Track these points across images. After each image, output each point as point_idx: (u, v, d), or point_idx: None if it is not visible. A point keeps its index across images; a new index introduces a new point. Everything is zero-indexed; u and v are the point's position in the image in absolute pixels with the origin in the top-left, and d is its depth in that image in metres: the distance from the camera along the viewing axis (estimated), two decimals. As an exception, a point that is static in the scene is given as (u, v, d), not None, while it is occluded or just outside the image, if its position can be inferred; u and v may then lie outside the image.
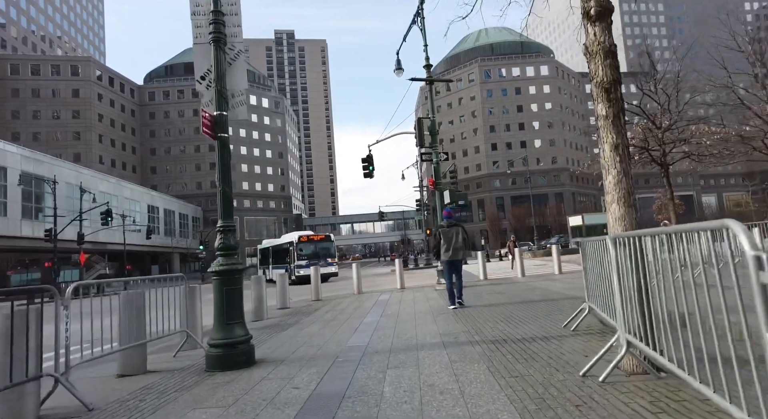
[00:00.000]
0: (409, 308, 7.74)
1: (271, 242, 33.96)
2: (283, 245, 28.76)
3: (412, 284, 14.44)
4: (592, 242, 4.15)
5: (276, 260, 29.68)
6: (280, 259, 28.96)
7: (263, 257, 33.46)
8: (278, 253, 29.45)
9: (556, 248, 14.00)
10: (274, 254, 30.31)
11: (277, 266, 28.38)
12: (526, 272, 13.59)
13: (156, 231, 61.53)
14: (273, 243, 32.53)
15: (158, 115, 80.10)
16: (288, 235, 31.05)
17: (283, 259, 28.03)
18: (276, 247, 30.72)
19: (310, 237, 27.44)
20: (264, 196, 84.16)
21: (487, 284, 11.68)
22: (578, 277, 10.10)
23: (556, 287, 9.34)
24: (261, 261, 34.13)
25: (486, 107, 78.48)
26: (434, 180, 11.48)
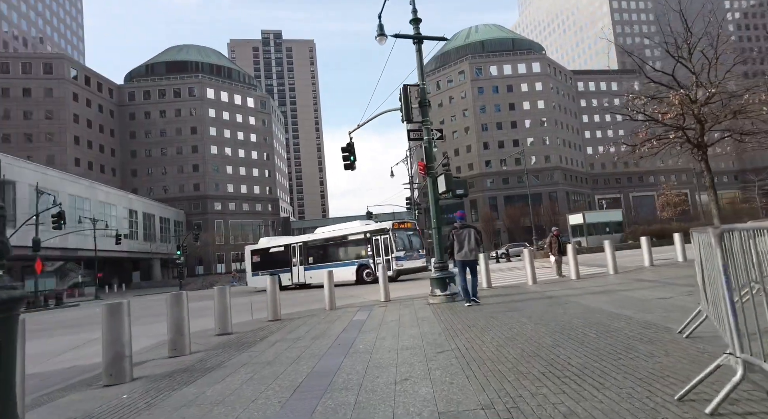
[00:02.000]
0: (391, 341, 5.31)
1: (320, 233, 24.37)
2: (360, 234, 21.94)
3: (401, 293, 12.03)
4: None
5: (325, 257, 22.66)
6: (344, 254, 22.28)
7: (292, 256, 24.15)
8: (340, 246, 22.45)
9: (573, 248, 11.68)
10: (328, 249, 22.94)
11: (340, 262, 21.76)
12: (524, 277, 11.23)
13: (134, 236, 58.59)
14: (337, 232, 23.27)
15: (138, 115, 77.06)
16: (349, 224, 23.97)
17: (354, 254, 21.89)
18: (340, 238, 22.53)
19: (401, 224, 22.19)
20: (250, 198, 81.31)
21: (491, 295, 9.31)
22: (603, 283, 8.34)
23: (591, 301, 6.97)
24: (275, 263, 24.77)
25: (477, 105, 76.59)
26: (425, 164, 9.08)
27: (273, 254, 24.76)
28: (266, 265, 24.51)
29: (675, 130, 10.28)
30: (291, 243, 24.58)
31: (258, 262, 25.42)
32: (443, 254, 9.12)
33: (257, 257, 25.68)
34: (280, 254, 24.25)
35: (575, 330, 4.83)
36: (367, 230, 21.80)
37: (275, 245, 25.35)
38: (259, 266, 25.02)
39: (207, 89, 79.65)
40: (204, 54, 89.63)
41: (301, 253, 23.47)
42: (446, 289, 8.78)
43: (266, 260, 24.96)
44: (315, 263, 22.76)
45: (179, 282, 46.59)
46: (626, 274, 11.19)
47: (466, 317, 6.57)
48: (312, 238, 24.01)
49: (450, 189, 8.67)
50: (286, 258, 23.98)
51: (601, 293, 7.77)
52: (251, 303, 13.79)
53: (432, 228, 9.21)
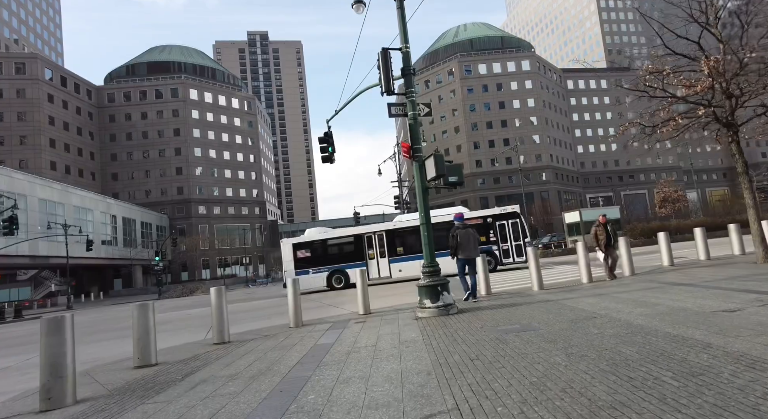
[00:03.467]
0: (356, 388, 3.57)
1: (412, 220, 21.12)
2: (480, 219, 20.14)
3: (384, 304, 10.30)
4: None
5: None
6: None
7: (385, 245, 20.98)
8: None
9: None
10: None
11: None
12: (526, 280, 9.58)
13: (114, 242, 56.16)
14: (441, 217, 19.78)
15: (119, 117, 74.55)
16: (450, 210, 21.64)
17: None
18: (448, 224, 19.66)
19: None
20: (236, 202, 79.10)
21: (494, 306, 7.62)
22: (626, 288, 6.32)
23: (627, 315, 5.31)
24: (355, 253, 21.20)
25: (467, 104, 75.35)
26: (410, 145, 7.38)
27: (334, 247, 21.04)
28: (320, 260, 20.70)
29: (703, 106, 8.73)
30: (366, 232, 20.92)
31: (306, 258, 20.83)
32: (434, 256, 7.42)
33: (305, 251, 20.96)
34: (347, 245, 20.81)
35: (634, 367, 3.15)
36: (492, 214, 20.37)
37: (337, 236, 21.39)
38: (308, 263, 20.70)
39: (190, 90, 77.44)
40: (187, 54, 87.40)
41: (383, 243, 20.50)
42: (438, 299, 7.07)
43: (321, 255, 20.84)
44: (407, 254, 20.04)
45: (158, 290, 44.31)
46: (648, 276, 9.59)
47: (466, 340, 4.87)
48: (402, 225, 20.85)
49: (441, 174, 6.98)
50: (357, 250, 20.55)
51: (632, 303, 6.11)
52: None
53: (421, 224, 7.50)
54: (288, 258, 21.03)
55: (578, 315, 5.65)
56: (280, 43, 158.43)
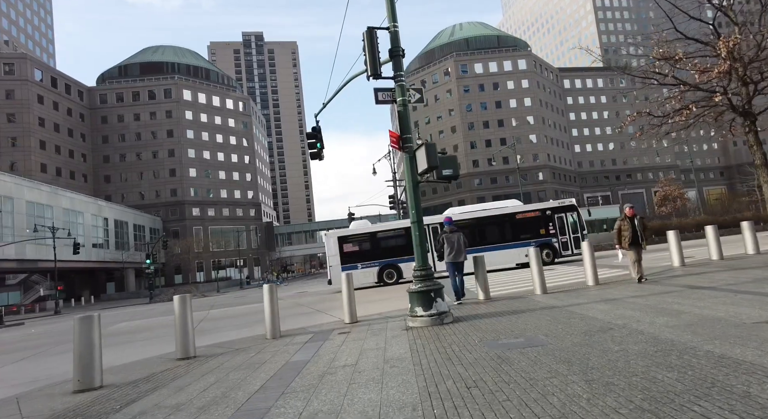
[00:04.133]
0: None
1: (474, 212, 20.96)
2: (538, 211, 20.21)
3: (373, 310, 9.52)
4: None
5: (486, 239, 19.55)
6: (514, 234, 19.64)
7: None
8: (509, 224, 19.88)
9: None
10: (490, 229, 19.95)
11: (512, 243, 19.30)
12: (525, 282, 8.83)
13: (105, 245, 55.18)
14: (502, 209, 20.55)
15: (111, 119, 73.53)
16: (506, 202, 21.61)
17: (528, 233, 19.57)
18: (509, 216, 20.09)
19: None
20: (230, 203, 78.18)
21: (494, 313, 6.85)
22: (639, 293, 5.36)
23: (651, 327, 4.55)
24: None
25: (463, 103, 74.73)
26: (399, 135, 6.61)
27: (385, 240, 19.89)
28: (370, 254, 19.52)
29: (717, 94, 8.01)
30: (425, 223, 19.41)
31: (354, 252, 19.61)
32: (426, 258, 6.66)
33: (353, 245, 19.76)
34: (399, 238, 19.69)
35: (681, 405, 2.39)
36: (551, 207, 20.59)
37: (389, 229, 20.29)
38: (357, 257, 19.47)
39: (183, 91, 76.56)
40: (180, 55, 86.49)
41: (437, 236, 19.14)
42: (431, 307, 6.30)
43: (370, 249, 19.70)
44: (471, 246, 18.79)
45: (149, 293, 43.32)
46: (661, 278, 8.85)
47: (462, 359, 4.10)
48: (464, 216, 20.06)
49: (433, 166, 6.21)
50: (409, 244, 18.47)
51: (652, 311, 5.36)
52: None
53: (411, 222, 6.73)
54: (333, 252, 19.70)
55: (591, 326, 4.89)
56: (275, 43, 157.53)
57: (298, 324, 8.64)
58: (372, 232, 20.09)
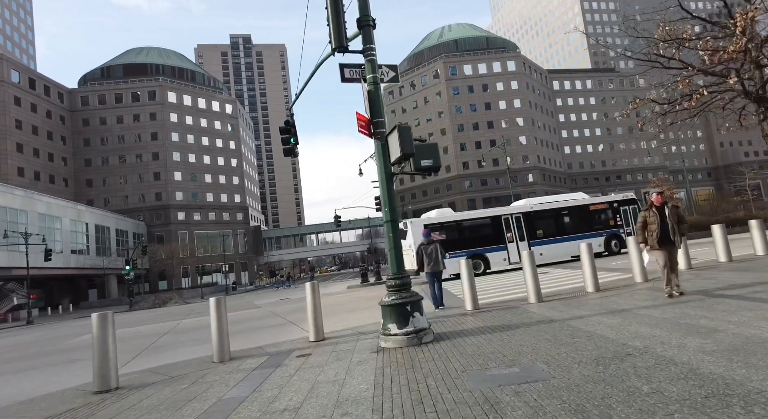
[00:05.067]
0: None
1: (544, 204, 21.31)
2: (605, 204, 21.31)
3: (352, 321, 8.45)
4: None
5: (560, 229, 19.97)
6: (585, 225, 20.18)
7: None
8: (579, 216, 20.51)
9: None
10: (563, 220, 20.42)
11: (582, 234, 19.52)
12: (517, 289, 7.85)
13: (86, 251, 53.37)
14: (570, 202, 20.96)
15: (93, 121, 71.70)
16: (574, 195, 21.94)
17: (598, 224, 20.34)
18: (579, 208, 20.73)
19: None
20: (217, 207, 76.61)
21: (481, 328, 5.83)
22: (652, 303, 4.44)
23: (683, 352, 3.56)
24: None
25: (453, 105, 74.14)
26: (369, 118, 5.59)
27: (471, 229, 19.46)
28: (457, 243, 18.95)
29: (733, 75, 7.13)
30: (503, 214, 19.71)
31: (442, 241, 18.64)
32: (402, 264, 5.62)
33: (439, 233, 19.20)
34: (485, 227, 19.43)
35: None
36: (616, 200, 21.43)
37: (475, 217, 19.89)
38: (450, 246, 18.63)
39: (168, 93, 75.01)
40: (165, 56, 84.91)
41: (521, 226, 19.47)
42: (407, 323, 5.26)
43: (456, 237, 19.21)
44: (546, 237, 19.43)
45: (129, 301, 41.70)
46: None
47: (438, 401, 3.06)
48: (538, 208, 20.32)
49: (408, 154, 5.18)
50: (496, 233, 19.16)
51: (676, 328, 4.38)
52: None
53: (385, 221, 5.70)
54: (418, 240, 17.91)
55: (603, 349, 3.88)
56: (263, 46, 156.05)
57: (259, 341, 7.55)
58: (458, 220, 19.70)
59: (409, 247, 18.53)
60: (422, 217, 20.38)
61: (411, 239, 18.56)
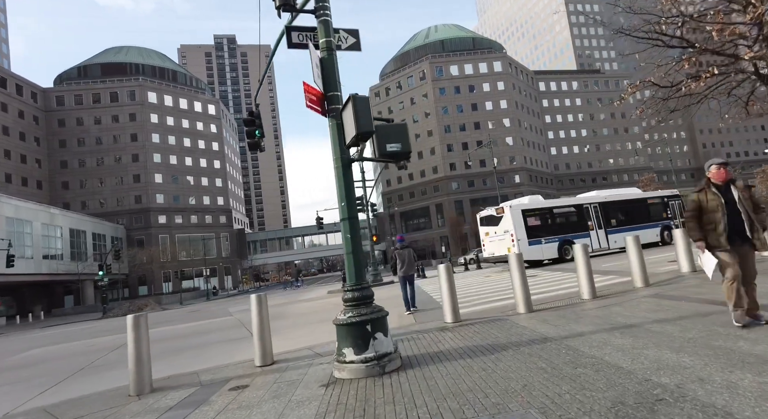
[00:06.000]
0: None
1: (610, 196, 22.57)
2: (658, 198, 23.08)
3: (311, 339, 7.32)
4: None
5: (628, 220, 21.42)
6: (646, 216, 21.86)
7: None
8: (641, 208, 22.26)
9: (582, 251, 7.36)
10: (630, 211, 21.98)
11: (644, 225, 21.32)
12: (505, 294, 6.83)
13: (59, 256, 51.25)
14: (627, 195, 22.83)
15: (69, 122, 69.43)
16: (627, 190, 23.99)
17: (655, 216, 22.00)
18: (641, 200, 22.70)
19: None
20: (199, 210, 74.71)
21: (452, 355, 4.78)
22: (665, 319, 3.58)
23: (729, 393, 2.51)
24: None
25: (439, 106, 73.45)
26: (322, 92, 4.51)
27: (562, 216, 20.26)
28: (551, 229, 19.68)
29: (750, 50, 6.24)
30: (583, 203, 20.87)
31: (537, 226, 19.54)
32: (362, 272, 4.52)
33: (535, 219, 19.74)
34: (572, 215, 20.34)
35: None
36: (665, 194, 23.21)
37: (564, 205, 20.91)
38: (540, 231, 19.45)
39: (148, 93, 73.07)
40: (146, 55, 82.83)
41: (598, 215, 20.74)
42: (367, 346, 4.17)
43: (550, 224, 19.86)
44: (618, 226, 20.89)
45: (103, 308, 39.86)
46: (674, 289, 6.96)
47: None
48: (607, 199, 21.56)
49: (364, 133, 4.10)
50: (580, 221, 20.20)
51: (708, 353, 3.38)
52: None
53: (342, 219, 4.61)
54: (519, 225, 19.18)
55: (619, 389, 2.84)
56: (248, 47, 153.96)
57: (205, 362, 6.40)
58: (550, 207, 20.54)
59: (505, 232, 19.32)
60: (515, 203, 20.87)
61: (510, 224, 19.14)
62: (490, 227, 20.41)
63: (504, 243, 19.27)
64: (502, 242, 19.51)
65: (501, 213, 19.67)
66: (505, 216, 19.33)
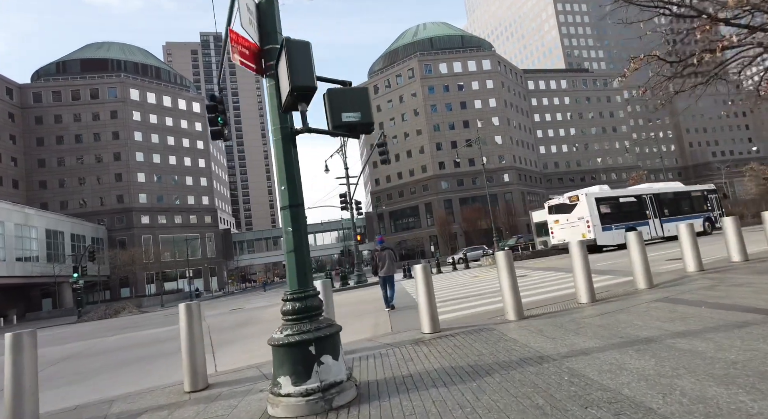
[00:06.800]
0: None
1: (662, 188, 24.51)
2: (700, 192, 24.94)
3: (257, 357, 6.26)
4: None
5: (677, 210, 23.29)
6: (691, 207, 23.85)
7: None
8: (688, 200, 24.26)
9: (580, 248, 6.44)
10: (679, 202, 23.85)
11: (690, 215, 23.20)
12: (493, 297, 5.89)
13: (34, 258, 49.41)
14: (676, 189, 24.88)
15: (47, 119, 67.33)
16: (671, 184, 25.94)
17: (698, 208, 23.95)
18: (686, 193, 24.64)
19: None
20: (183, 210, 73.00)
21: (421, 381, 3.79)
22: (685, 327, 3.08)
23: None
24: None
25: (428, 104, 72.66)
26: (259, 45, 3.49)
27: (626, 205, 21.86)
28: (618, 217, 21.16)
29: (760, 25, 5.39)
30: (642, 194, 22.62)
31: (607, 214, 20.93)
32: (306, 277, 3.50)
33: (606, 207, 21.20)
34: (633, 205, 22.01)
35: None
36: (705, 188, 24.97)
37: (633, 194, 22.60)
38: (610, 219, 20.81)
39: (130, 90, 71.21)
40: (128, 52, 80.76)
41: (653, 205, 22.48)
42: (309, 374, 3.16)
43: (618, 212, 21.36)
44: (670, 216, 22.64)
45: (78, 311, 38.27)
46: (683, 290, 6.07)
47: None
48: (660, 191, 23.36)
49: (302, 87, 3.06)
50: (640, 210, 21.97)
51: (757, 378, 2.44)
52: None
53: (282, 208, 3.59)
54: (593, 212, 20.63)
55: None
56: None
57: (127, 384, 5.32)
58: (617, 196, 21.98)
59: (579, 219, 20.62)
60: (587, 191, 21.76)
61: (585, 211, 20.43)
62: (560, 214, 21.75)
63: (577, 229, 20.51)
64: (574, 228, 20.71)
65: (575, 201, 21.00)
66: (580, 203, 20.67)
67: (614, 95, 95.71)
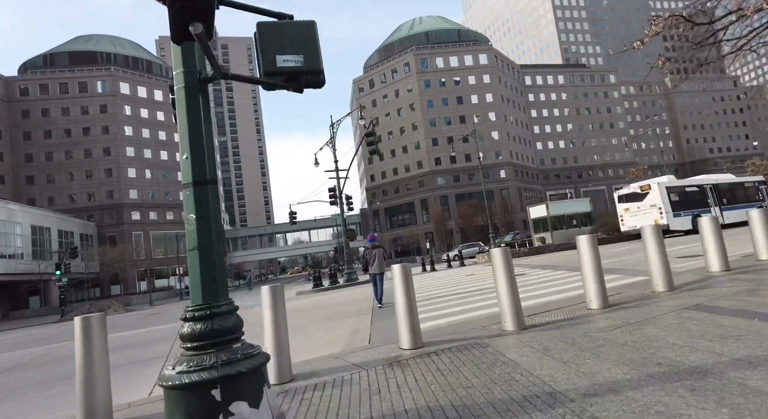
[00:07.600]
0: None
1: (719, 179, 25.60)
2: (752, 183, 26.09)
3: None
4: None
5: (733, 200, 24.49)
6: (745, 197, 24.93)
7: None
8: (741, 190, 25.34)
9: (589, 242, 5.42)
10: (734, 192, 24.96)
11: (745, 204, 23.98)
12: (489, 299, 4.84)
13: (19, 255, 48.13)
14: (730, 180, 25.86)
15: (34, 113, 65.83)
16: (722, 176, 26.90)
17: (751, 197, 24.94)
18: (740, 183, 25.69)
19: None
20: (174, 206, 71.69)
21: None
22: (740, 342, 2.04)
23: None
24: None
25: (424, 99, 71.53)
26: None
27: (690, 194, 23.33)
28: (685, 205, 22.65)
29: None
30: (703, 184, 24.00)
31: (677, 201, 22.51)
32: (218, 285, 2.45)
33: (675, 195, 22.72)
34: (697, 194, 23.49)
35: None
36: (755, 179, 26.10)
37: (691, 184, 24.04)
38: (680, 206, 22.44)
39: (120, 83, 69.70)
40: (118, 45, 79.11)
41: (714, 194, 23.79)
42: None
43: (684, 200, 22.83)
44: (729, 205, 23.85)
45: (61, 310, 37.09)
46: (710, 295, 5.04)
47: None
48: (718, 181, 24.64)
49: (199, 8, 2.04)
50: (702, 199, 23.32)
51: None
52: None
53: (185, 183, 2.53)
54: (665, 200, 21.94)
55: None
56: (229, 39, 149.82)
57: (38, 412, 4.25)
58: (684, 186, 23.48)
59: (651, 206, 22.04)
60: (659, 180, 23.11)
61: (658, 199, 21.81)
62: (631, 203, 23.24)
63: (649, 216, 21.93)
64: (646, 215, 22.16)
65: (646, 190, 22.55)
66: (653, 192, 22.16)
67: (611, 91, 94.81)
